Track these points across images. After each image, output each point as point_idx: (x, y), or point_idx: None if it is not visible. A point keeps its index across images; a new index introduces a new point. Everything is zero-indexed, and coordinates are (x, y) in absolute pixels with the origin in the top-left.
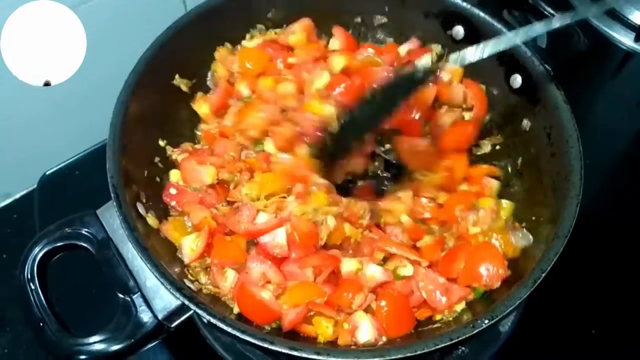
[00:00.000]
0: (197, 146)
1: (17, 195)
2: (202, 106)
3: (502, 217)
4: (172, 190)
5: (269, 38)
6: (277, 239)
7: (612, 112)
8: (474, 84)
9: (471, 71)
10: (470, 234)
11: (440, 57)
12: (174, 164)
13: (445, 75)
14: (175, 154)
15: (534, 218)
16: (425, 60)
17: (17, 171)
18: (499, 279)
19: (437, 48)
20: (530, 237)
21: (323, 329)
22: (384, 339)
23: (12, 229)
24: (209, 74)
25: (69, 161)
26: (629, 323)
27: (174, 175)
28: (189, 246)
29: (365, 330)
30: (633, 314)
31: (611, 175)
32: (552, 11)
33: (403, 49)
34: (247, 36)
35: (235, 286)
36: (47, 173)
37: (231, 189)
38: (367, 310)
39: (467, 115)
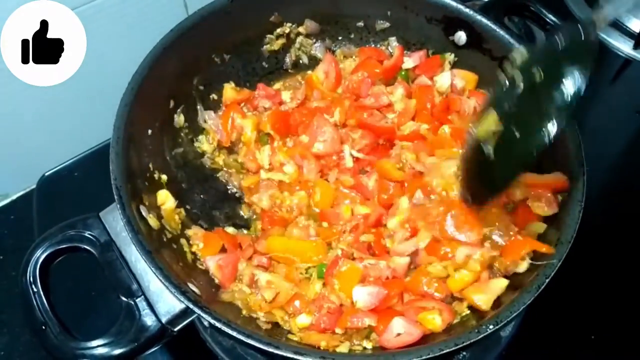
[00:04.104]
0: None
1: (15, 196)
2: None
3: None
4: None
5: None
6: None
7: (612, 118)
8: (483, 96)
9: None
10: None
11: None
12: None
13: (459, 82)
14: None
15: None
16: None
17: (15, 172)
18: None
19: (449, 57)
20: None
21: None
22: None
23: (9, 230)
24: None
25: (68, 162)
26: (629, 328)
27: (161, 196)
28: None
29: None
30: (633, 319)
31: (611, 182)
32: (553, 18)
33: (408, 63)
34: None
35: None
36: (46, 174)
37: None
38: None
39: None
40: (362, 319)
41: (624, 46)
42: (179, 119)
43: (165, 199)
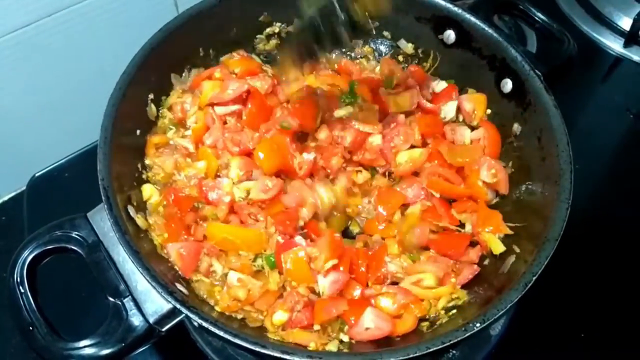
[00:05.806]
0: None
1: (6, 197)
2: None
3: None
4: None
5: None
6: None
7: (602, 116)
8: (492, 127)
9: (462, 76)
10: None
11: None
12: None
13: (467, 105)
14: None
15: (524, 222)
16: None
17: (5, 173)
18: None
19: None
20: None
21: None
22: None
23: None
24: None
25: (59, 163)
26: (618, 325)
27: (146, 190)
28: None
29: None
30: (622, 316)
31: (600, 180)
32: (542, 16)
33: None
34: None
35: None
36: (37, 175)
37: None
38: None
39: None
40: (335, 306)
41: (615, 44)
42: (151, 110)
43: (151, 192)
